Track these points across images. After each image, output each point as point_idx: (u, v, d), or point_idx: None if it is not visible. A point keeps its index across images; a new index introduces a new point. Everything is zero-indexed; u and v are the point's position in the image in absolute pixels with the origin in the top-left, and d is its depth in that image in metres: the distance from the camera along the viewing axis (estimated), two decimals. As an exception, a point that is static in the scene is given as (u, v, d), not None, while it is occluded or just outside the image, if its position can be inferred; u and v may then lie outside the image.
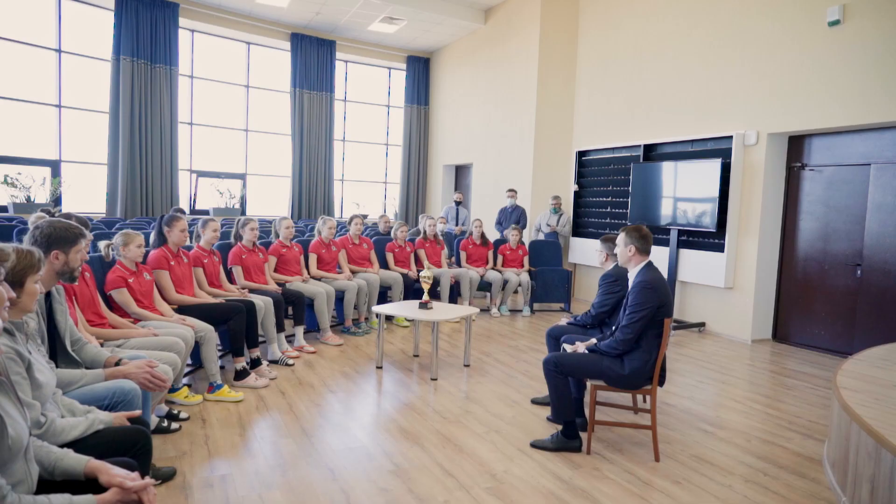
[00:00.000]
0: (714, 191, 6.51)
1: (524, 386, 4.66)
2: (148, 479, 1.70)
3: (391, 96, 13.31)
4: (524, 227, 8.67)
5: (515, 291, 7.80)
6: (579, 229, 8.94)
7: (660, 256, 7.28)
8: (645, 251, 3.51)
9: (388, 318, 6.79)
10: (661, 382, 3.41)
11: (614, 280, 4.06)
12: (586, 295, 8.78)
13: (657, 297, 3.28)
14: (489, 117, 10.74)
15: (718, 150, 6.73)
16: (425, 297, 5.08)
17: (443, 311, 5.05)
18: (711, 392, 4.67)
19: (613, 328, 3.59)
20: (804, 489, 3.09)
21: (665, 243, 7.25)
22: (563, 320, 4.41)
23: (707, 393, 4.64)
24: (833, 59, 5.69)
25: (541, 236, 8.88)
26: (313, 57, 11.70)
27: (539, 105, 9.23)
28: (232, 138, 11.53)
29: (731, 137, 6.54)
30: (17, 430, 1.53)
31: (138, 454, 2.06)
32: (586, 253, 8.70)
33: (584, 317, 4.21)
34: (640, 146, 7.80)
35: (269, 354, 4.96)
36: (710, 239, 6.75)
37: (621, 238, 3.54)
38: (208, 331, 4.03)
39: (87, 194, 9.85)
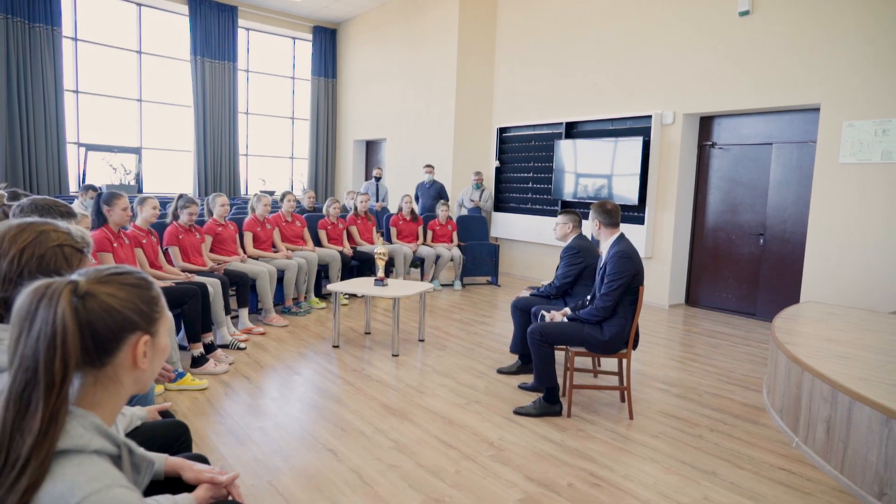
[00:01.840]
0: (636, 167, 6.95)
1: (485, 357, 4.79)
2: (236, 472, 1.61)
3: (296, 68, 12.79)
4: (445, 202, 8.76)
5: (447, 266, 7.90)
6: (501, 204, 9.18)
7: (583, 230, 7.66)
8: (612, 224, 3.75)
9: (326, 297, 6.65)
10: (635, 346, 3.66)
11: (577, 252, 4.25)
12: (509, 268, 9.07)
13: (633, 265, 3.52)
14: (404, 92, 10.64)
15: (638, 128, 7.17)
16: (380, 273, 5.04)
17: (399, 287, 5.04)
18: (652, 354, 5.05)
19: (589, 297, 3.79)
20: (760, 434, 3.47)
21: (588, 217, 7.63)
22: (525, 292, 4.57)
23: (649, 355, 5.01)
24: (742, 46, 6.22)
25: (463, 211, 9.02)
26: (214, 23, 10.95)
27: (459, 82, 9.29)
28: (124, 109, 10.58)
29: (650, 117, 6.99)
30: None
31: (181, 448, 1.94)
32: (508, 227, 8.97)
33: (547, 288, 4.39)
34: (561, 124, 8.12)
35: (218, 339, 4.71)
36: (631, 212, 7.20)
37: (590, 215, 3.78)
38: (166, 316, 3.76)
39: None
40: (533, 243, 8.71)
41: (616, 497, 2.69)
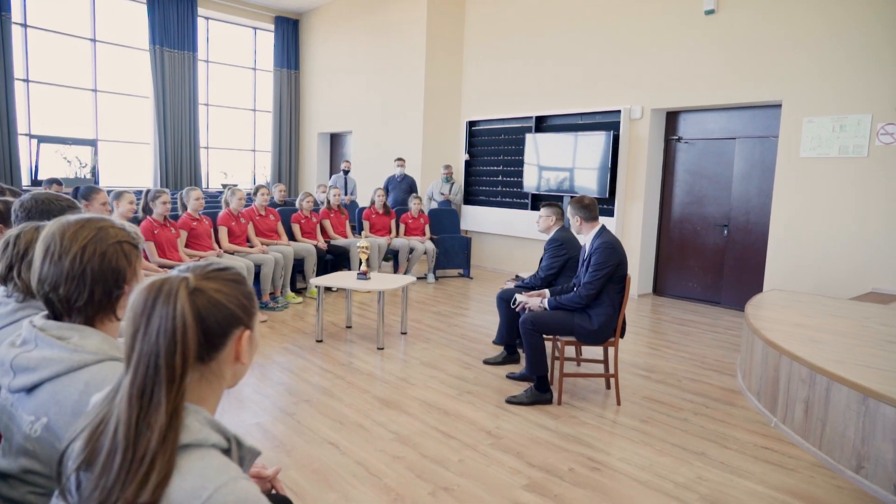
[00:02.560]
0: (606, 160, 7.12)
1: (469, 349, 4.86)
2: (278, 467, 1.63)
3: (258, 59, 12.54)
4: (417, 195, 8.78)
5: (420, 260, 7.92)
6: (470, 197, 9.25)
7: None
8: (592, 218, 3.87)
9: (300, 291, 6.60)
10: (622, 335, 3.79)
11: (560, 244, 4.35)
12: (480, 261, 9.15)
13: (617, 256, 3.64)
14: (370, 85, 10.57)
15: (607, 123, 7.34)
16: (363, 267, 5.04)
17: (383, 281, 5.05)
18: (629, 342, 5.21)
19: (573, 285, 3.89)
20: (740, 415, 3.65)
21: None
22: (510, 283, 4.65)
23: (626, 343, 5.16)
24: (707, 44, 6.44)
25: (433, 205, 9.05)
26: (172, 11, 10.62)
27: (428, 75, 9.29)
28: (79, 99, 10.18)
29: (619, 112, 7.17)
30: None
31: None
32: (479, 220, 9.05)
33: (532, 279, 4.48)
34: (531, 118, 8.23)
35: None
36: (601, 205, 7.36)
37: (569, 210, 3.89)
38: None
39: None
40: (503, 236, 8.82)
41: (616, 479, 2.80)
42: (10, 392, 1.20)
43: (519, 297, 3.99)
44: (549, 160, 7.82)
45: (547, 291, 3.96)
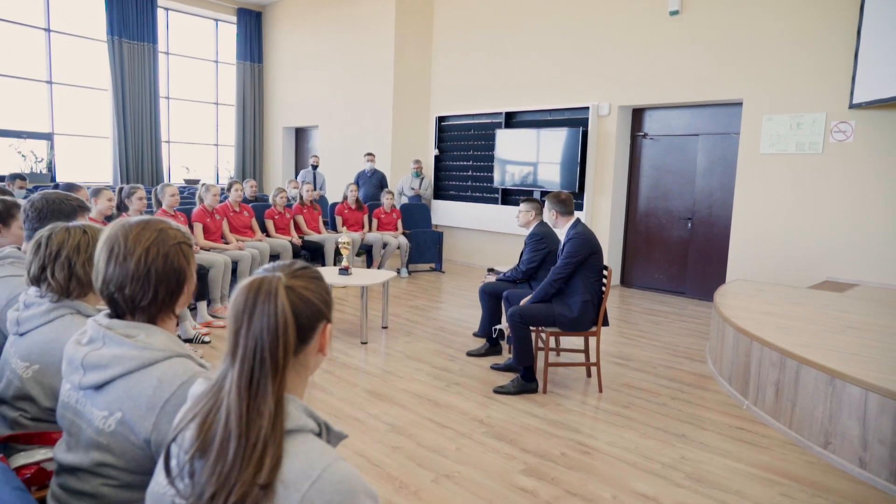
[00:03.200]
0: (575, 156, 7.30)
1: (450, 341, 4.96)
2: None
3: (220, 51, 12.31)
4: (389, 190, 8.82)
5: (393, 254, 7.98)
6: (441, 192, 9.34)
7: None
8: (567, 212, 4.05)
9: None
10: (605, 324, 3.95)
11: (540, 238, 4.49)
12: (451, 255, 9.25)
13: (588, 246, 3.82)
14: (337, 79, 10.53)
15: (576, 119, 7.53)
16: (345, 262, 5.08)
17: (365, 276, 5.10)
18: (602, 332, 5.38)
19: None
20: (714, 399, 3.86)
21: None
22: (491, 277, 4.77)
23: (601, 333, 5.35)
24: (671, 43, 6.68)
25: (403, 199, 9.11)
26: (131, 1, 10.34)
27: (397, 70, 9.32)
28: (33, 91, 9.82)
29: (587, 108, 7.36)
30: None
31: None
32: (449, 215, 9.15)
33: (513, 273, 4.60)
34: (501, 113, 8.36)
35: (181, 334, 4.60)
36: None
37: (546, 205, 4.05)
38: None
39: None
40: (473, 230, 8.94)
41: (606, 462, 2.95)
42: (79, 389, 1.23)
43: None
44: (519, 155, 7.96)
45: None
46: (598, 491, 2.67)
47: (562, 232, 4.06)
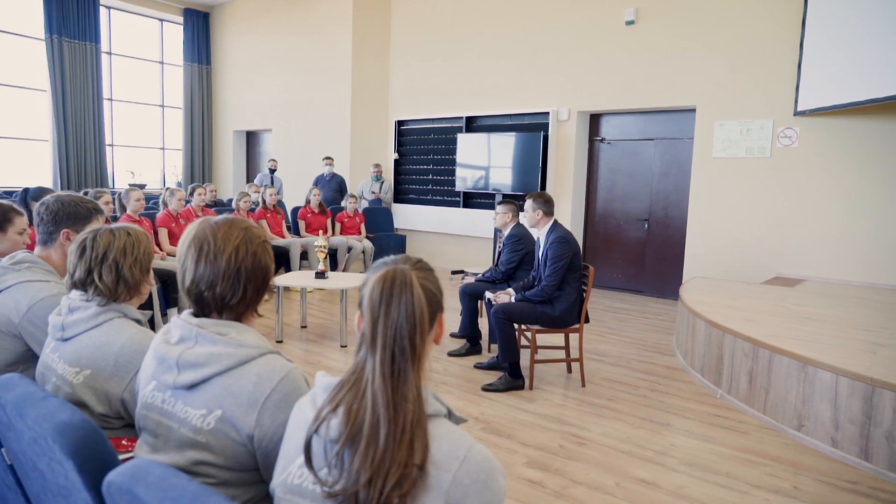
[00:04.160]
0: (536, 160, 7.49)
1: (429, 343, 5.00)
2: None
3: (165, 53, 11.93)
4: (345, 194, 8.77)
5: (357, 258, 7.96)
6: (401, 196, 9.37)
7: (486, 219, 8.13)
8: (550, 213, 4.18)
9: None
10: (587, 321, 4.10)
11: (518, 239, 4.62)
12: (412, 258, 9.27)
13: (571, 248, 3.96)
14: (292, 82, 10.40)
15: (537, 123, 7.73)
16: (321, 266, 5.06)
17: (342, 279, 5.09)
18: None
19: (533, 278, 4.16)
20: (689, 389, 4.07)
21: (491, 207, 8.10)
22: (470, 278, 4.85)
23: (571, 331, 5.53)
24: (627, 52, 6.97)
25: (364, 203, 9.09)
26: (71, -1, 9.91)
27: (355, 74, 9.30)
28: (-37, 91, 9.26)
29: (547, 113, 7.57)
30: None
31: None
32: (410, 218, 9.19)
33: (492, 273, 4.71)
34: (462, 118, 8.48)
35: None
36: (532, 202, 7.75)
37: (529, 204, 4.17)
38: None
39: None
40: (435, 233, 9.01)
41: (602, 451, 3.08)
42: (167, 388, 1.23)
43: (489, 294, 4.23)
44: (480, 159, 8.09)
45: (511, 290, 4.20)
46: (601, 479, 2.79)
47: (540, 233, 4.19)
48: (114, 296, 1.62)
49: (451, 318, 5.56)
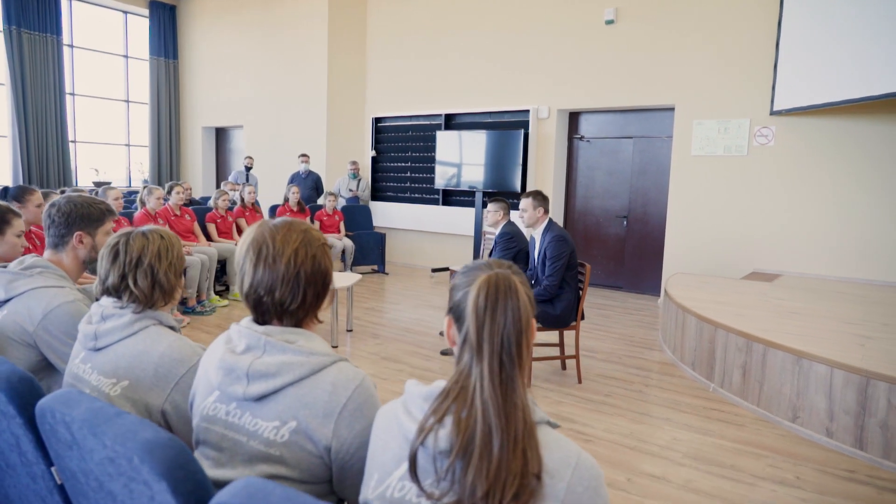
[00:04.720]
0: (517, 157, 7.52)
1: (419, 342, 4.98)
2: None
3: (130, 46, 11.55)
4: (321, 192, 8.67)
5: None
6: (378, 194, 9.30)
7: (466, 217, 8.13)
8: (547, 210, 4.20)
9: (221, 293, 6.31)
10: (583, 318, 4.14)
11: (511, 237, 4.62)
12: (391, 256, 9.21)
13: (568, 245, 3.99)
14: (264, 78, 10.19)
15: (517, 121, 7.76)
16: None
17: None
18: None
19: (529, 277, 4.18)
20: (682, 384, 4.14)
21: (471, 205, 8.11)
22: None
23: (558, 327, 5.58)
24: (607, 51, 7.05)
25: (341, 201, 8.99)
26: (31, -12, 9.51)
27: (331, 70, 9.17)
28: (-85, 84, 8.80)
29: (528, 111, 7.61)
30: None
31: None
32: (388, 216, 9.12)
33: (485, 272, 4.69)
34: (441, 115, 8.45)
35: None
36: (513, 200, 7.77)
37: (529, 203, 4.18)
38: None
39: None
40: (414, 231, 8.97)
41: (609, 447, 3.11)
42: (233, 400, 1.19)
43: None
44: (459, 157, 8.08)
45: None
46: (613, 475, 2.82)
47: (536, 231, 4.20)
48: (150, 302, 1.56)
49: (433, 316, 5.55)
